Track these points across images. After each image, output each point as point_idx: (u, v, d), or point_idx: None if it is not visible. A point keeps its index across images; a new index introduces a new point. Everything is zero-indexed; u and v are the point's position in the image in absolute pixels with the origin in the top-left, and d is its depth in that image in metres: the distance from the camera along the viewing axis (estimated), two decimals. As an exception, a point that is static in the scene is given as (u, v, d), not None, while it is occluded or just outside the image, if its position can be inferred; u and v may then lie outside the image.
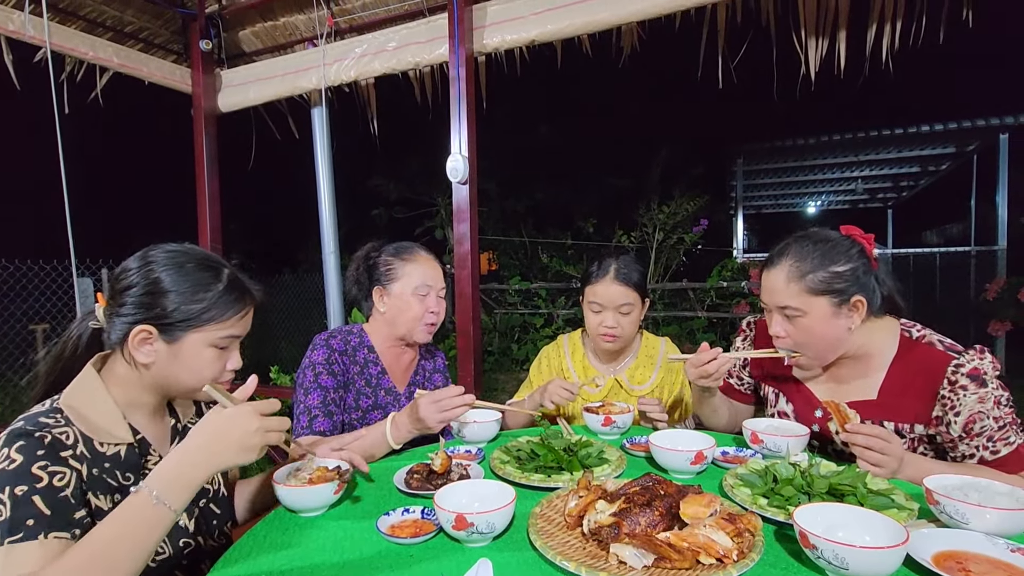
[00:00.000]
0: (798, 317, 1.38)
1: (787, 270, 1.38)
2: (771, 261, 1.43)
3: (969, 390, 1.30)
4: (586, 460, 1.36)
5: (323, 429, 1.62)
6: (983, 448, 1.30)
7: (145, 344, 1.04)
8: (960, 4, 2.15)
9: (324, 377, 1.67)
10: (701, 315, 6.85)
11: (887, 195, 12.89)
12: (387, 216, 10.82)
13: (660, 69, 8.11)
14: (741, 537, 0.93)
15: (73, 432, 0.97)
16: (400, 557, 0.97)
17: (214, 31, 3.25)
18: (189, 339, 1.04)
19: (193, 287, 1.04)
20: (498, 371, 7.96)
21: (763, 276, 1.45)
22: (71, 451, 0.95)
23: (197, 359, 1.06)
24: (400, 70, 2.94)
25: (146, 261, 1.06)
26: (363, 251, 1.88)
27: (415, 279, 1.76)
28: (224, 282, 1.07)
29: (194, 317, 1.04)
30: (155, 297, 1.03)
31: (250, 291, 1.13)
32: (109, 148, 11.43)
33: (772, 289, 1.41)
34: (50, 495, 0.89)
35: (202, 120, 3.28)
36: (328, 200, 3.49)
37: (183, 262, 1.06)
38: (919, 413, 1.37)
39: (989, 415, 1.29)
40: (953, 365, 1.32)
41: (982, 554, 0.91)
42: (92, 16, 2.96)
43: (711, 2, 2.30)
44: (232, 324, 1.08)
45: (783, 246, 1.43)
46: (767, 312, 1.49)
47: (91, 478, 0.96)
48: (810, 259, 1.37)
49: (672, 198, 7.86)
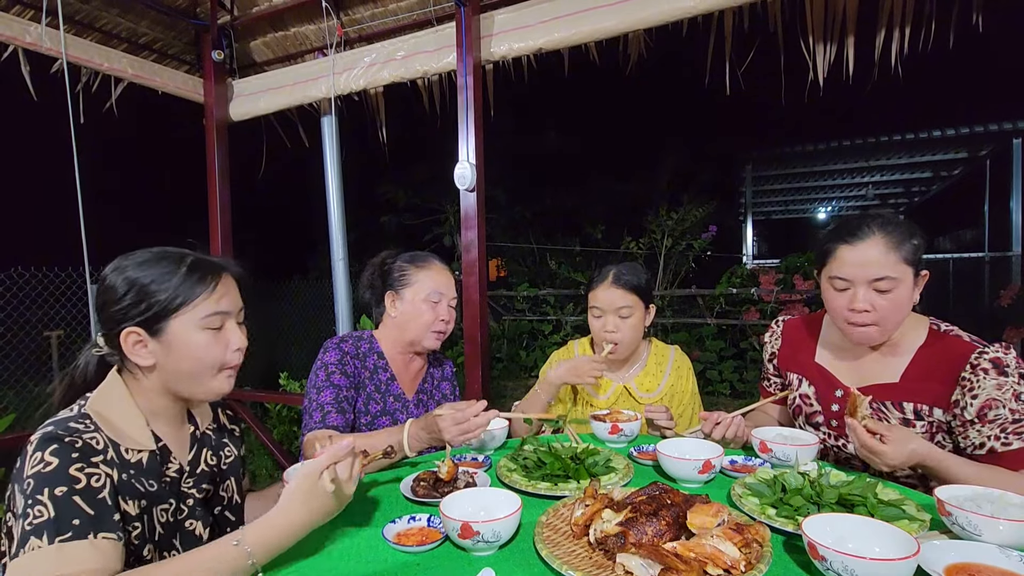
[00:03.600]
0: (890, 290, 1.36)
1: (884, 241, 1.36)
2: (855, 236, 1.39)
3: (990, 375, 1.31)
4: (593, 468, 1.35)
5: (336, 424, 1.62)
6: (994, 438, 1.29)
7: (138, 346, 1.05)
8: (970, 8, 2.14)
9: (337, 376, 1.69)
10: (710, 322, 6.80)
11: (899, 200, 12.78)
12: (396, 223, 10.87)
13: (668, 76, 8.12)
14: (749, 548, 0.92)
15: (102, 437, 0.98)
16: (406, 565, 0.97)
17: (226, 41, 3.30)
18: (172, 328, 1.05)
19: (157, 277, 1.05)
20: (506, 378, 7.95)
21: (843, 252, 1.40)
22: (102, 456, 0.96)
23: (190, 345, 1.06)
24: (409, 79, 2.97)
25: (116, 269, 1.08)
26: (379, 257, 1.92)
27: (427, 286, 1.78)
28: (186, 266, 1.08)
29: (167, 304, 1.05)
30: (132, 298, 1.04)
31: (217, 266, 1.12)
32: (123, 157, 11.60)
33: (866, 262, 1.37)
34: (90, 496, 0.91)
35: (214, 129, 3.33)
36: (337, 207, 3.52)
37: (145, 259, 1.08)
38: (939, 396, 1.37)
39: (1006, 405, 1.29)
40: (977, 352, 1.34)
41: (995, 567, 0.89)
42: (107, 28, 3.02)
43: (718, 9, 2.31)
44: (206, 302, 1.07)
45: (859, 222, 1.41)
46: (840, 290, 1.43)
47: (120, 483, 0.98)
48: (898, 231, 1.37)
49: (681, 204, 7.83)
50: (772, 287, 6.38)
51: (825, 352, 1.62)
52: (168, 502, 1.07)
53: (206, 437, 1.21)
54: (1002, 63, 9.91)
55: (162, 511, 1.05)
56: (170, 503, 1.07)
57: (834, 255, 1.42)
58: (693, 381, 1.97)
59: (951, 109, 10.19)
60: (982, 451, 1.31)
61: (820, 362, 1.61)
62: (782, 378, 1.73)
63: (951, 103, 11.88)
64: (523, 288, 8.21)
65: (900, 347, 1.46)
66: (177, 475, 1.10)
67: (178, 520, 1.09)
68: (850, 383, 1.51)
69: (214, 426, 1.26)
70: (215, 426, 1.26)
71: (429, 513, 1.13)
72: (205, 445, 1.20)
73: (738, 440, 1.53)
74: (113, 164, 10.49)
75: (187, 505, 1.12)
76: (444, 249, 9.14)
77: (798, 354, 1.67)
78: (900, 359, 1.45)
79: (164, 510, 1.06)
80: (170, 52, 3.32)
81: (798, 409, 1.64)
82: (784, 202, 13.44)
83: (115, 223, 5.85)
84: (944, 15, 2.18)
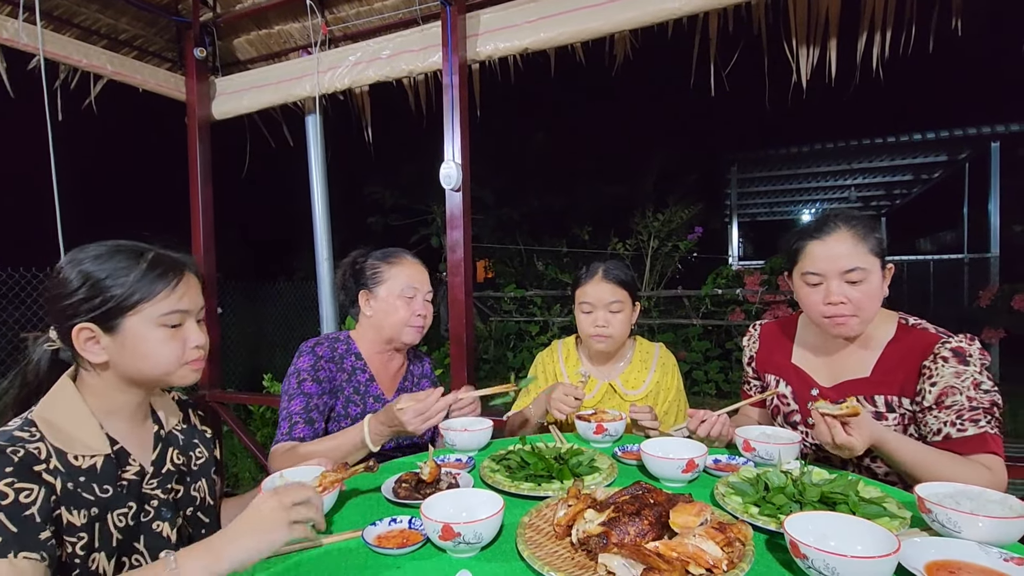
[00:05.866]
0: (861, 280, 1.39)
1: (851, 234, 1.40)
2: (822, 231, 1.43)
3: (949, 362, 1.34)
4: (577, 468, 1.35)
5: (303, 436, 1.60)
6: (950, 424, 1.31)
7: (91, 343, 1.02)
8: (949, 13, 2.18)
9: (308, 384, 1.66)
10: (696, 323, 6.84)
11: (881, 203, 12.97)
12: (383, 224, 10.81)
13: (654, 78, 8.17)
14: (731, 547, 0.91)
15: (46, 446, 0.95)
16: (386, 568, 0.96)
17: (208, 39, 3.26)
18: (128, 325, 1.02)
19: (115, 272, 1.02)
20: (493, 379, 7.93)
21: (813, 248, 1.44)
22: (44, 465, 0.93)
23: (146, 343, 1.03)
24: (394, 78, 2.95)
25: (71, 261, 1.04)
26: (350, 257, 1.88)
27: (401, 281, 1.76)
28: (147, 261, 1.04)
29: (123, 300, 1.01)
30: (86, 293, 1.01)
31: (179, 263, 1.09)
32: (102, 156, 11.41)
33: (836, 255, 1.40)
34: (15, 513, 0.87)
35: (196, 128, 3.27)
36: (322, 207, 3.49)
37: (101, 253, 1.04)
38: (905, 386, 1.41)
39: (963, 392, 1.32)
40: (940, 342, 1.38)
41: (975, 563, 0.89)
42: (87, 24, 2.96)
43: (703, 11, 2.32)
44: (165, 299, 1.04)
45: (825, 219, 1.45)
46: (813, 286, 1.45)
47: (65, 492, 0.94)
48: (862, 225, 1.41)
49: (667, 206, 7.89)
50: (757, 288, 6.45)
51: (801, 352, 1.65)
52: (127, 506, 1.03)
53: (172, 436, 1.18)
54: (980, 68, 10.11)
55: (120, 515, 1.02)
56: (129, 507, 1.04)
57: (804, 252, 1.46)
58: (678, 378, 1.98)
59: (931, 113, 10.38)
60: (938, 437, 1.33)
61: (796, 362, 1.64)
62: (761, 380, 1.76)
63: (931, 107, 12.10)
64: (510, 289, 8.19)
65: (871, 342, 1.49)
66: (137, 477, 1.07)
67: (141, 523, 1.06)
68: (825, 381, 1.55)
69: (183, 426, 1.23)
70: (184, 426, 1.23)
71: (411, 515, 1.11)
72: (171, 444, 1.17)
73: (723, 439, 1.53)
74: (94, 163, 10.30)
75: (151, 507, 1.09)
76: (432, 250, 9.09)
77: (775, 355, 1.70)
78: (871, 353, 1.49)
79: (122, 514, 1.02)
80: (151, 49, 3.27)
81: (776, 410, 1.67)
82: (769, 204, 13.59)
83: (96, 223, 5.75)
84: (924, 19, 2.21)
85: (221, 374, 3.57)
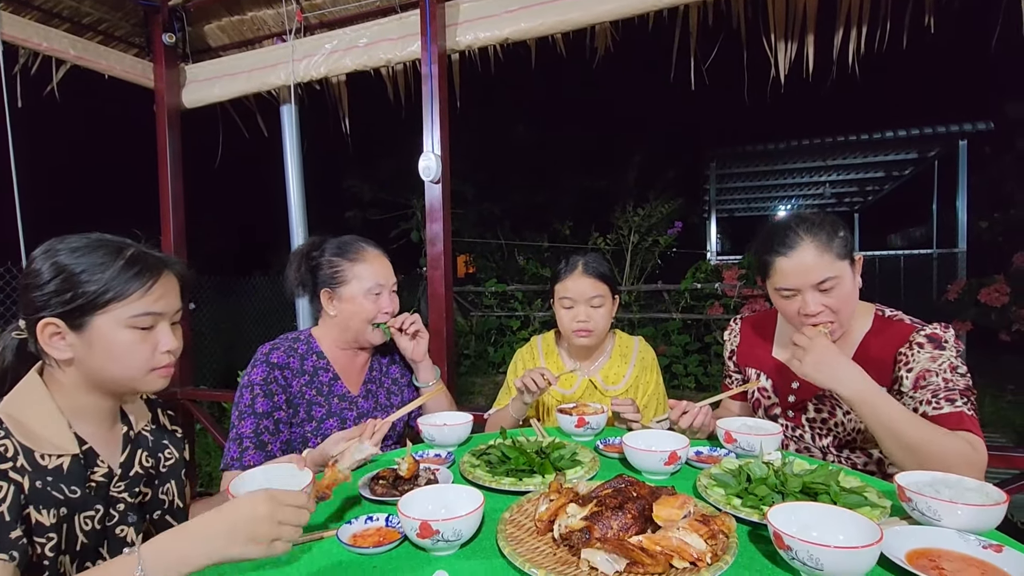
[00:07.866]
0: (834, 287, 1.40)
1: (814, 245, 1.40)
2: (786, 246, 1.42)
3: (925, 348, 1.37)
4: (558, 462, 1.33)
5: (253, 463, 1.48)
6: (926, 403, 1.33)
7: (56, 338, 0.97)
8: (922, 10, 2.20)
9: (260, 401, 1.56)
10: (676, 317, 6.91)
11: (854, 199, 13.25)
12: (361, 219, 10.66)
13: (634, 72, 8.19)
14: (715, 539, 0.90)
15: (12, 443, 0.90)
16: (362, 568, 0.92)
17: (178, 24, 3.14)
18: (96, 324, 0.97)
19: (91, 267, 0.97)
20: (474, 374, 7.91)
21: (782, 264, 1.43)
22: (11, 463, 0.88)
23: (115, 344, 0.98)
24: (372, 67, 2.88)
25: (47, 252, 0.99)
26: (303, 247, 1.76)
27: (366, 281, 1.67)
28: (125, 259, 0.99)
29: (94, 298, 0.96)
30: (57, 286, 0.96)
31: (158, 262, 1.03)
32: (68, 145, 11.03)
33: (805, 269, 1.40)
34: None
35: (165, 116, 3.16)
36: (298, 200, 3.40)
37: (80, 246, 0.99)
38: (882, 376, 1.42)
39: (939, 374, 1.34)
40: (916, 331, 1.41)
41: (955, 551, 0.90)
42: (47, 6, 2.83)
43: (683, 3, 2.31)
44: (138, 300, 0.99)
45: (786, 232, 1.44)
46: (788, 298, 1.45)
47: (33, 491, 0.90)
48: (823, 231, 1.41)
49: (647, 201, 7.93)
50: (735, 282, 6.53)
51: (781, 347, 1.65)
52: (94, 508, 0.99)
53: (142, 438, 1.13)
54: (950, 67, 10.35)
55: (86, 518, 0.97)
56: (97, 509, 0.99)
57: (773, 267, 1.46)
58: (658, 372, 1.97)
59: (903, 111, 10.61)
60: None
61: (777, 356, 1.65)
62: (742, 374, 1.76)
63: (902, 105, 12.37)
64: (491, 284, 8.17)
65: (849, 335, 1.51)
66: (105, 479, 1.02)
67: (107, 527, 1.02)
68: None
69: (152, 427, 1.18)
70: (153, 426, 1.18)
71: (388, 513, 1.08)
72: (140, 446, 1.12)
73: (704, 430, 1.53)
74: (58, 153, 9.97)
75: (117, 510, 1.04)
76: (412, 245, 9.00)
77: (755, 349, 1.72)
78: (848, 346, 1.50)
79: (89, 517, 0.98)
80: (117, 34, 3.14)
81: (757, 403, 1.68)
82: (746, 200, 13.78)
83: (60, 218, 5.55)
84: (898, 15, 2.24)
85: (194, 371, 3.47)
